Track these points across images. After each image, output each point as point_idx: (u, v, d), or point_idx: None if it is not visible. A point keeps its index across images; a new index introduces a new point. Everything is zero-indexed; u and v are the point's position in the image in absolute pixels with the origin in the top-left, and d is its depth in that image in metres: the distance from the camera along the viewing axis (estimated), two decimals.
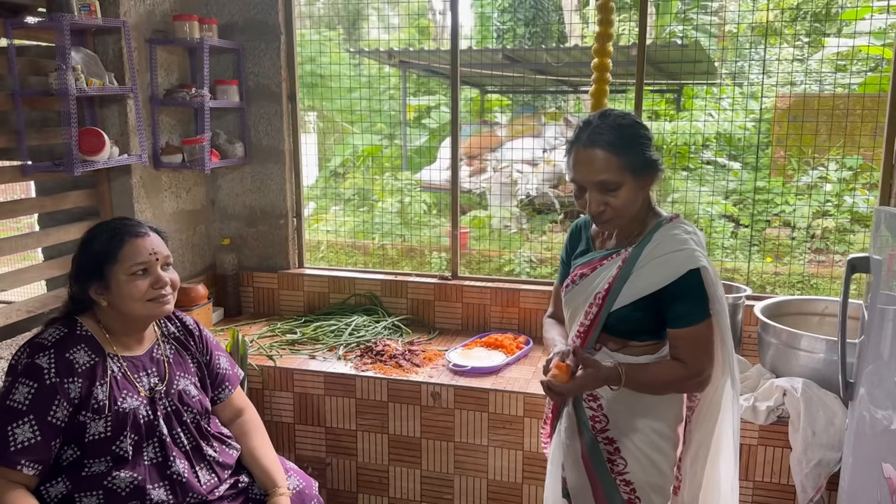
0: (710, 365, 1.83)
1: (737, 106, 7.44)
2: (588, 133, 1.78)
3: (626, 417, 1.89)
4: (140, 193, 3.03)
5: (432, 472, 2.82)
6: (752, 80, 7.60)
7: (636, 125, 1.81)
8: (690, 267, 1.75)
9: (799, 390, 2.38)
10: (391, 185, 7.51)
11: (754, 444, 2.46)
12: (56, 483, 1.84)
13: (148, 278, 1.90)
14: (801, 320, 2.78)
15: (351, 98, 6.02)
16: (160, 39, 3.05)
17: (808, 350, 2.47)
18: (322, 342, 3.13)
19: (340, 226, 6.32)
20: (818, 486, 2.33)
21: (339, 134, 8.87)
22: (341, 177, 8.83)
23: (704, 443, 1.95)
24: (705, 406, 1.94)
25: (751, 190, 6.89)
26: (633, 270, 1.81)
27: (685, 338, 1.80)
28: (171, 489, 1.92)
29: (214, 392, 2.16)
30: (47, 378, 1.78)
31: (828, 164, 6.58)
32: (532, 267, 6.14)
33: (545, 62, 7.65)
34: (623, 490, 1.90)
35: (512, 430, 2.69)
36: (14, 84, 2.53)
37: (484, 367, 2.82)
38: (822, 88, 7.05)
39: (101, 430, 1.84)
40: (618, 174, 1.76)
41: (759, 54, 6.86)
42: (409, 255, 6.40)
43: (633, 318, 1.84)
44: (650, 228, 1.85)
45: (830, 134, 5.73)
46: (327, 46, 7.30)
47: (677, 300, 1.78)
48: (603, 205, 1.78)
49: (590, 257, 1.95)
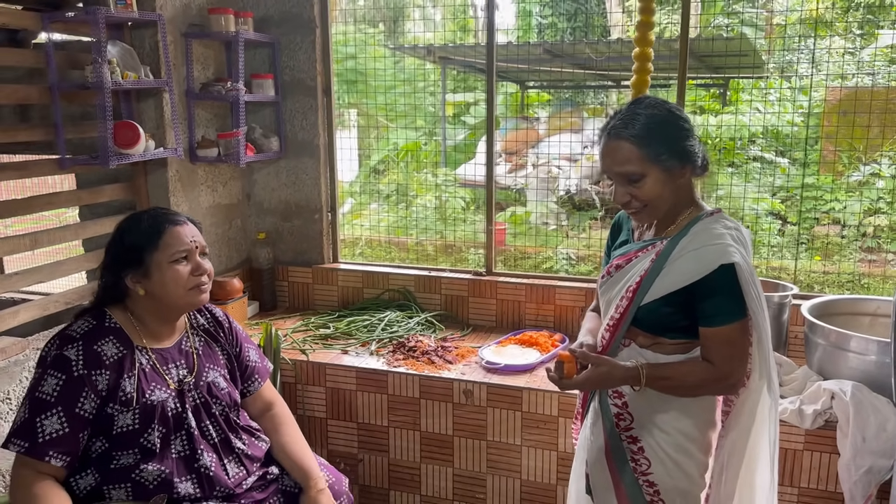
0: (740, 369, 1.75)
1: (785, 100, 7.24)
2: (614, 123, 1.74)
3: (650, 416, 1.82)
4: (176, 187, 3.04)
5: (465, 471, 2.78)
6: (801, 73, 7.38)
7: (670, 115, 1.74)
8: (722, 262, 1.67)
9: (848, 394, 2.27)
10: (429, 182, 7.49)
11: (800, 449, 2.36)
12: (85, 475, 1.84)
13: (189, 265, 1.90)
14: (852, 321, 2.67)
15: (391, 94, 6.01)
16: (196, 33, 3.05)
17: (858, 352, 2.36)
18: (355, 337, 3.11)
19: (378, 222, 6.32)
20: (868, 495, 2.22)
21: (378, 130, 8.89)
22: (381, 173, 8.84)
23: (737, 451, 1.86)
24: (739, 412, 1.85)
25: (799, 186, 6.70)
26: (665, 264, 1.75)
27: (715, 337, 1.72)
28: (199, 482, 1.91)
29: (244, 385, 2.15)
30: (75, 370, 1.78)
31: (880, 160, 6.35)
32: (571, 264, 6.05)
33: (586, 56, 7.53)
34: (646, 491, 1.83)
35: (546, 429, 2.62)
36: (52, 78, 2.56)
37: (518, 364, 2.76)
38: (875, 82, 6.82)
39: (128, 422, 1.83)
40: (640, 165, 1.70)
41: (808, 47, 6.65)
42: (446, 252, 6.37)
43: (663, 314, 1.77)
44: (689, 222, 1.78)
45: (883, 128, 5.53)
46: (368, 43, 7.32)
47: (708, 297, 1.71)
48: (627, 195, 1.75)
49: (627, 248, 1.90)
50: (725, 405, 1.90)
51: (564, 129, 8.55)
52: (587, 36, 10.43)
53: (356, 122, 8.56)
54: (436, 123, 8.76)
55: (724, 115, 7.38)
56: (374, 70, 5.40)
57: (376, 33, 9.22)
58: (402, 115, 7.17)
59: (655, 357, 1.80)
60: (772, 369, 1.78)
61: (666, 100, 1.82)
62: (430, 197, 7.26)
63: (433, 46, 7.76)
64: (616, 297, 1.84)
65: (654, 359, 1.80)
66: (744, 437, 1.84)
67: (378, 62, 6.24)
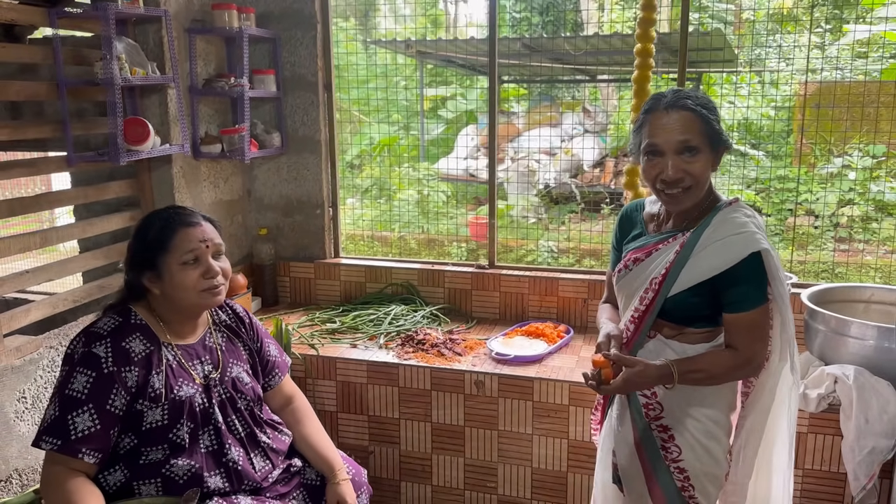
0: (762, 351, 1.81)
1: (757, 94, 7.40)
2: (670, 97, 1.77)
3: (680, 405, 1.87)
4: (181, 183, 3.03)
5: (476, 461, 2.83)
6: (771, 67, 7.55)
7: (709, 99, 1.80)
8: (752, 250, 1.72)
9: (851, 378, 2.37)
10: (409, 176, 7.50)
11: (804, 432, 2.45)
12: (114, 471, 1.84)
13: (199, 268, 1.89)
14: (847, 307, 2.77)
15: (367, 88, 6.00)
16: (199, 29, 3.04)
17: (858, 337, 2.46)
18: (362, 331, 3.13)
19: (359, 217, 6.31)
20: (871, 474, 2.32)
21: (354, 125, 8.86)
22: (357, 168, 8.82)
23: (756, 430, 1.92)
24: (760, 392, 1.91)
25: (773, 178, 6.86)
26: (691, 255, 1.78)
27: (740, 323, 1.77)
28: (227, 477, 1.92)
29: (265, 379, 2.17)
30: (105, 367, 1.78)
31: (852, 152, 6.53)
32: (553, 257, 6.12)
33: (563, 51, 7.60)
34: (676, 477, 1.88)
35: (557, 418, 2.68)
36: (59, 73, 2.53)
37: (527, 355, 2.82)
38: (844, 76, 7.01)
39: (157, 418, 1.84)
40: (699, 138, 1.74)
41: (777, 42, 6.82)
42: (429, 246, 6.39)
43: (690, 304, 1.81)
44: (709, 212, 1.82)
45: (854, 122, 5.69)
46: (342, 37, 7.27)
47: (735, 284, 1.75)
48: (682, 171, 1.75)
49: (644, 241, 1.93)
50: (745, 386, 1.95)
51: (543, 124, 8.63)
52: (559, 31, 10.51)
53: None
54: (411, 118, 8.76)
55: None
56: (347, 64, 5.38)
57: (349, 27, 9.18)
58: (377, 109, 7.16)
59: (682, 347, 1.85)
60: (794, 350, 1.84)
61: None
62: (411, 191, 7.27)
63: (411, 41, 7.76)
64: (639, 289, 1.88)
65: (681, 349, 1.85)
66: (763, 416, 1.90)
67: (351, 57, 6.23)
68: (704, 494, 1.89)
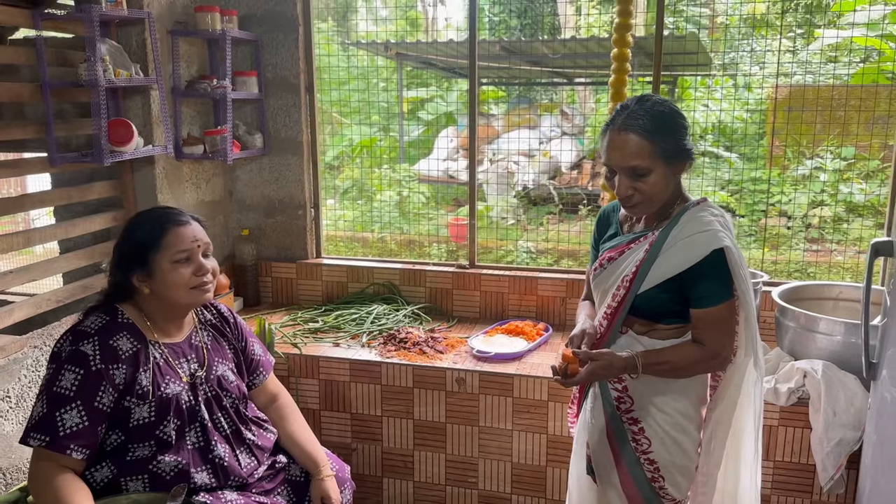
0: (728, 345, 1.88)
1: (731, 97, 7.53)
2: (624, 117, 1.81)
3: (650, 398, 1.94)
4: (163, 184, 3.05)
5: (457, 456, 2.88)
6: (745, 71, 7.68)
7: (673, 113, 1.83)
8: (714, 247, 1.79)
9: (819, 372, 2.45)
10: (388, 178, 7.53)
11: (775, 425, 2.53)
12: (101, 468, 1.87)
13: (191, 266, 1.93)
14: (816, 305, 2.86)
15: (345, 90, 6.01)
16: (182, 31, 3.06)
17: (826, 333, 2.55)
18: (344, 330, 3.17)
19: (339, 218, 6.32)
20: (838, 465, 2.40)
21: (333, 126, 8.87)
22: (336, 169, 8.84)
23: (723, 422, 1.98)
24: (726, 386, 1.97)
25: (747, 180, 6.99)
26: (659, 253, 1.85)
27: (706, 318, 1.84)
28: (214, 473, 1.96)
29: (250, 378, 2.20)
30: (93, 364, 1.81)
31: (823, 155, 6.68)
32: (532, 258, 6.19)
33: (541, 54, 7.68)
34: (647, 469, 1.95)
35: (536, 414, 2.74)
36: (43, 75, 2.54)
37: (508, 353, 2.87)
38: (816, 79, 7.15)
39: (145, 415, 1.87)
40: (649, 160, 1.78)
41: (751, 46, 6.94)
42: (408, 247, 6.43)
43: (659, 300, 1.88)
44: (677, 212, 1.89)
45: (825, 124, 5.82)
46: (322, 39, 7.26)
47: (700, 280, 1.82)
48: (631, 189, 1.82)
49: (618, 241, 2.00)
50: (713, 380, 2.03)
51: (521, 126, 8.71)
52: (537, 34, 10.60)
53: None
54: (390, 119, 8.80)
55: None
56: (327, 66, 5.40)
57: (328, 28, 9.18)
58: (356, 110, 7.18)
59: (652, 343, 1.92)
60: (758, 346, 1.92)
61: (666, 98, 1.92)
62: (390, 192, 7.30)
63: (390, 43, 7.80)
64: (612, 286, 1.95)
65: (650, 344, 1.91)
66: (730, 409, 1.96)
67: (332, 59, 6.25)
68: (675, 486, 1.95)
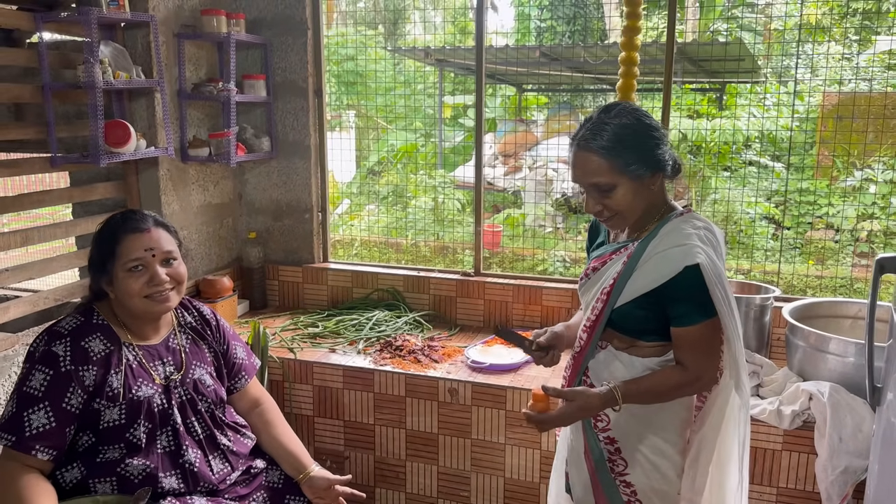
0: (711, 368, 1.76)
1: (781, 105, 7.27)
2: (582, 133, 1.73)
3: (627, 420, 1.83)
4: (167, 186, 3.07)
5: (449, 469, 2.81)
6: (797, 78, 7.41)
7: (639, 123, 1.72)
8: (687, 263, 1.67)
9: (826, 395, 2.30)
10: (426, 184, 7.53)
11: (778, 449, 2.39)
12: (71, 468, 1.87)
13: (144, 275, 1.89)
14: (833, 323, 2.70)
15: (389, 96, 6.01)
16: (188, 34, 3.09)
17: (837, 353, 2.39)
18: (343, 336, 3.14)
19: (374, 223, 6.33)
20: (844, 494, 2.25)
21: (377, 131, 8.92)
22: (378, 174, 8.89)
23: (706, 447, 1.86)
24: (709, 408, 1.86)
25: (794, 191, 6.72)
26: (636, 266, 1.75)
27: (685, 338, 1.73)
28: (183, 477, 1.93)
29: (231, 382, 2.18)
30: (62, 365, 1.81)
31: (874, 165, 6.38)
32: (566, 267, 6.07)
33: (583, 59, 7.56)
34: (623, 492, 1.85)
35: (529, 428, 2.65)
36: (45, 77, 2.59)
37: (503, 364, 2.79)
38: (871, 87, 6.85)
39: (115, 417, 1.86)
40: (610, 176, 1.70)
41: (805, 52, 6.69)
42: (441, 253, 6.40)
43: (636, 316, 1.78)
44: (660, 222, 1.78)
45: (878, 133, 5.55)
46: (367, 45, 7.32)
47: (676, 299, 1.71)
48: (599, 205, 1.75)
49: (602, 251, 1.91)
50: (698, 400, 1.90)
51: (561, 132, 8.59)
52: (585, 40, 10.47)
53: (354, 124, 8.60)
54: (433, 125, 8.80)
55: (719, 119, 7.40)
56: (373, 72, 5.39)
57: (376, 35, 9.25)
58: (400, 116, 7.19)
59: (631, 360, 1.81)
60: (741, 369, 1.78)
61: (637, 106, 1.80)
62: (426, 199, 7.29)
63: (430, 49, 7.80)
64: (592, 299, 1.86)
65: (629, 362, 1.81)
66: (713, 433, 1.85)
67: (377, 64, 6.28)
68: None
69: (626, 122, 1.71)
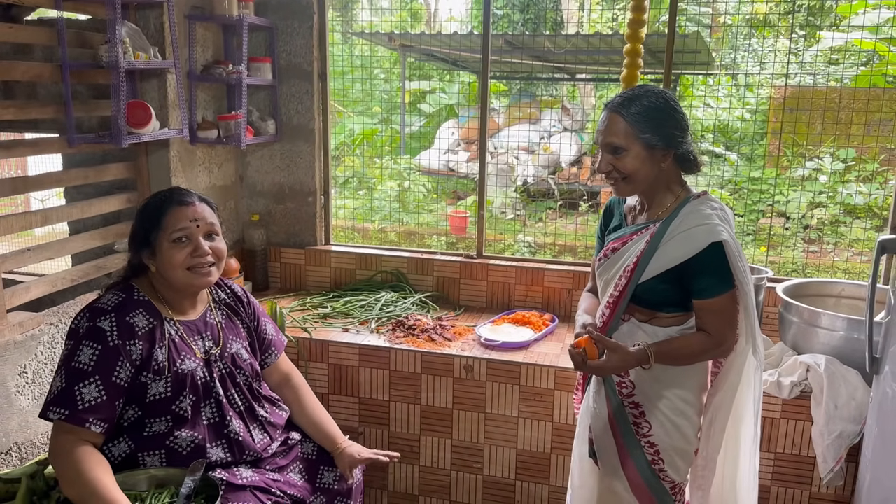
0: (732, 334, 1.95)
1: (732, 97, 7.58)
2: (616, 100, 1.93)
3: (651, 384, 2.01)
4: (177, 167, 3.07)
5: (463, 442, 2.92)
6: (747, 71, 7.73)
7: (666, 104, 1.90)
8: (712, 240, 1.85)
9: (822, 366, 2.50)
10: (389, 168, 7.56)
11: (777, 418, 2.58)
12: (119, 443, 1.91)
13: (188, 246, 1.95)
14: (819, 301, 2.91)
15: (347, 80, 6.01)
16: (198, 15, 3.08)
17: (828, 328, 2.60)
18: (353, 316, 3.20)
19: (340, 208, 6.34)
20: (838, 457, 2.46)
21: (333, 116, 8.88)
22: (336, 160, 8.86)
23: (724, 407, 2.05)
24: (727, 372, 2.04)
25: (746, 180, 7.05)
26: (659, 245, 1.92)
27: (709, 309, 1.91)
28: (229, 448, 2.00)
29: (262, 357, 2.25)
30: (110, 340, 1.85)
31: (823, 156, 6.74)
32: (532, 252, 6.23)
33: (545, 49, 7.71)
34: (647, 451, 2.02)
35: (542, 402, 2.79)
36: (63, 56, 2.56)
37: (515, 342, 2.92)
38: (817, 81, 7.21)
39: (161, 390, 1.91)
40: (625, 139, 1.89)
41: (753, 46, 6.99)
42: (408, 238, 6.47)
43: (659, 290, 1.95)
44: (678, 205, 1.96)
45: (826, 125, 5.88)
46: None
47: (700, 273, 1.89)
48: (609, 165, 1.93)
49: (622, 232, 2.07)
50: (714, 366, 2.10)
51: (522, 120, 8.74)
52: (538, 28, 10.62)
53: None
54: (391, 111, 8.81)
55: None
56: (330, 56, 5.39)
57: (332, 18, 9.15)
58: (357, 101, 7.18)
59: (653, 329, 1.99)
60: (757, 334, 1.99)
61: (673, 95, 1.97)
62: (391, 184, 7.33)
63: (394, 34, 7.81)
64: (614, 277, 2.02)
65: (652, 331, 1.99)
66: (730, 395, 2.04)
67: (334, 48, 6.25)
68: (674, 468, 2.03)
69: (655, 101, 1.90)
